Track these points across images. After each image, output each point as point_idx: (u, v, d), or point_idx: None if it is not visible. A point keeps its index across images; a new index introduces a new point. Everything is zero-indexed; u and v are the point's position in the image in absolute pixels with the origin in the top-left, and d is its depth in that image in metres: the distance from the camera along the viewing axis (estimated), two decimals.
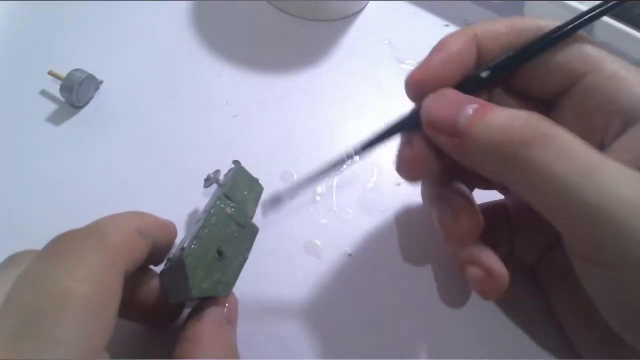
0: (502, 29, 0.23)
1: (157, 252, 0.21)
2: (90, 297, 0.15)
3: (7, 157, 0.29)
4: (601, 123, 0.22)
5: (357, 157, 0.24)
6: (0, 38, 0.34)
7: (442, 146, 0.21)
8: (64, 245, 0.17)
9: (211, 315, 0.20)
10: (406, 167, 0.23)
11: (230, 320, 0.21)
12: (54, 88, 0.31)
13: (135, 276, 0.20)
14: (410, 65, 0.37)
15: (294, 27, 0.38)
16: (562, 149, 0.18)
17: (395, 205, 0.30)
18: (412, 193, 0.31)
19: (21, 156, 0.30)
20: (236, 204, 0.23)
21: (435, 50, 0.23)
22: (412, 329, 0.26)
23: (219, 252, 0.21)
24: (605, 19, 0.36)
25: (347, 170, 0.31)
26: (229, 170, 0.27)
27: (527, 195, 0.19)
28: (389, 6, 0.41)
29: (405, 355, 0.25)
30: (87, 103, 0.32)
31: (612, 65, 0.21)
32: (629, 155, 0.20)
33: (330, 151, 0.32)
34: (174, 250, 0.23)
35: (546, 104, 0.24)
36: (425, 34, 0.39)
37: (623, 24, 0.36)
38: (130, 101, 0.33)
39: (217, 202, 0.23)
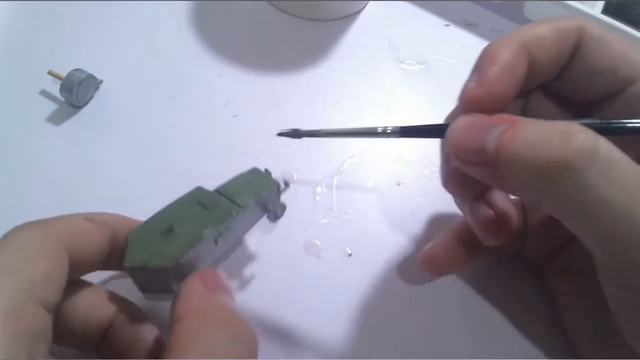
0: (547, 33, 0.21)
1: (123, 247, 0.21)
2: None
3: (7, 157, 0.29)
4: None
5: (388, 136, 0.23)
6: (0, 38, 0.34)
7: (473, 175, 0.20)
8: (10, 233, 0.18)
9: (187, 289, 0.19)
10: (453, 189, 0.23)
11: (213, 289, 0.19)
12: (54, 88, 0.31)
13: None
14: (410, 65, 0.37)
15: (294, 27, 0.38)
16: (607, 168, 0.16)
17: (395, 205, 0.30)
18: (412, 193, 0.31)
19: (21, 156, 0.29)
20: (215, 191, 0.23)
21: (486, 62, 0.21)
22: (413, 328, 0.26)
23: (169, 230, 0.20)
24: (606, 18, 0.36)
25: (347, 170, 0.31)
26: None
27: (568, 220, 0.18)
28: (389, 6, 0.41)
29: (406, 355, 0.25)
30: (87, 103, 0.32)
31: None
32: None
33: (330, 151, 0.32)
34: None
35: (585, 108, 0.23)
36: (425, 34, 0.39)
37: (623, 24, 0.36)
38: (130, 101, 0.33)
39: (191, 191, 0.23)
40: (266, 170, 0.26)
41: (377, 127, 0.23)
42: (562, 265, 0.26)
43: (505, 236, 0.22)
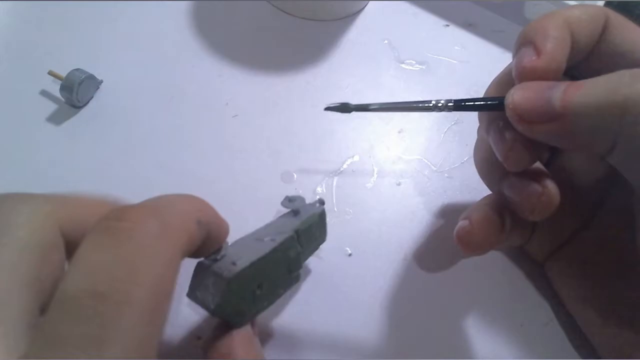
0: (583, 15, 0.22)
1: (203, 247, 0.19)
2: (149, 301, 0.13)
3: (7, 156, 0.29)
4: None
5: (440, 109, 0.23)
6: (0, 38, 0.34)
7: (540, 137, 0.21)
8: (122, 229, 0.14)
9: (242, 330, 0.20)
10: (514, 157, 0.22)
11: (257, 335, 0.21)
12: (54, 88, 0.31)
13: None
14: (410, 65, 0.37)
15: (294, 27, 0.38)
16: None
17: (395, 205, 0.30)
18: (412, 193, 0.31)
19: (21, 156, 0.29)
20: (301, 248, 0.23)
21: (540, 36, 0.21)
22: (413, 328, 0.26)
23: (259, 287, 0.20)
24: None
25: (347, 170, 0.31)
26: (312, 205, 0.25)
27: (633, 163, 0.19)
28: (389, 6, 0.41)
29: (407, 354, 0.25)
30: (87, 103, 0.32)
31: None
32: None
33: (330, 151, 0.32)
34: (223, 252, 0.20)
35: None
36: (425, 34, 0.39)
37: None
38: (130, 101, 0.33)
39: (288, 238, 0.22)
40: (324, 211, 0.25)
41: (430, 101, 0.23)
42: (568, 258, 0.26)
43: (552, 210, 0.23)
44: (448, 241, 0.29)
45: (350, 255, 0.28)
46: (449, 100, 0.23)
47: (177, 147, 0.31)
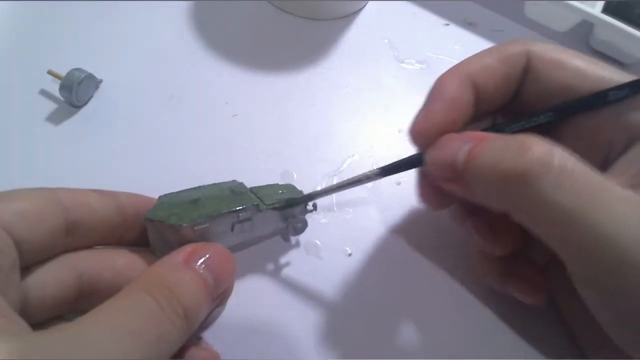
0: (493, 63, 0.22)
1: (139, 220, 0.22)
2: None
3: (6, 156, 0.29)
4: (606, 140, 0.22)
5: (370, 180, 0.24)
6: (0, 38, 0.34)
7: (450, 190, 0.21)
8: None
9: (170, 254, 0.20)
10: (428, 203, 0.24)
11: (188, 262, 0.19)
12: (54, 87, 0.31)
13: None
14: (410, 65, 0.37)
15: (294, 27, 0.38)
16: (561, 174, 0.17)
17: (395, 205, 0.30)
18: (412, 193, 0.31)
19: (20, 155, 0.29)
20: (251, 192, 0.24)
21: (433, 97, 0.22)
22: (413, 328, 0.26)
23: (195, 200, 0.22)
24: (606, 18, 0.36)
25: (347, 169, 0.31)
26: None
27: (531, 226, 0.19)
28: (389, 5, 0.41)
29: (406, 355, 0.25)
30: (86, 102, 0.32)
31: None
32: (635, 170, 0.20)
33: (330, 151, 0.32)
34: None
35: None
36: (425, 33, 0.39)
37: (623, 23, 0.36)
38: (130, 100, 0.33)
39: (227, 182, 0.24)
40: (301, 191, 0.27)
41: (359, 176, 0.24)
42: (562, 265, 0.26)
43: (508, 250, 0.23)
44: (448, 241, 0.29)
45: (350, 255, 0.28)
46: (375, 170, 0.24)
47: (176, 147, 0.31)
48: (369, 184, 0.31)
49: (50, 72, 0.32)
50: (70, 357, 0.14)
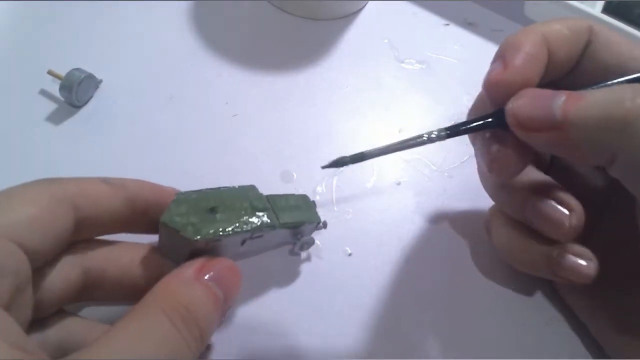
0: (563, 29, 0.22)
1: (147, 210, 0.21)
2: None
3: (6, 156, 0.29)
4: None
5: (433, 141, 0.23)
6: (0, 38, 0.34)
7: (539, 145, 0.21)
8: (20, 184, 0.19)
9: (180, 268, 0.19)
10: (498, 167, 0.23)
11: (199, 278, 0.19)
12: (54, 87, 0.31)
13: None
14: (410, 65, 0.37)
15: (294, 27, 0.38)
16: None
17: (395, 205, 0.30)
18: (412, 193, 0.31)
19: (20, 155, 0.29)
20: (266, 199, 0.23)
21: (510, 50, 0.22)
22: (413, 328, 0.26)
23: (213, 210, 0.21)
24: (605, 18, 0.36)
25: (347, 170, 0.31)
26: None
27: (630, 173, 0.19)
28: (389, 5, 0.41)
29: (406, 354, 0.25)
30: (86, 102, 0.32)
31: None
32: None
33: (330, 151, 0.32)
34: None
35: None
36: (425, 33, 0.39)
37: (623, 23, 0.36)
38: (130, 100, 0.33)
39: (248, 185, 0.23)
40: (314, 202, 0.27)
41: (423, 135, 0.23)
42: None
43: (579, 232, 0.23)
44: (448, 240, 0.29)
45: (350, 255, 0.28)
46: (442, 130, 0.22)
47: (176, 147, 0.31)
48: (369, 184, 0.31)
49: (50, 72, 0.32)
50: None
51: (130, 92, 0.33)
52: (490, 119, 0.22)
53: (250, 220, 0.22)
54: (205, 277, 0.19)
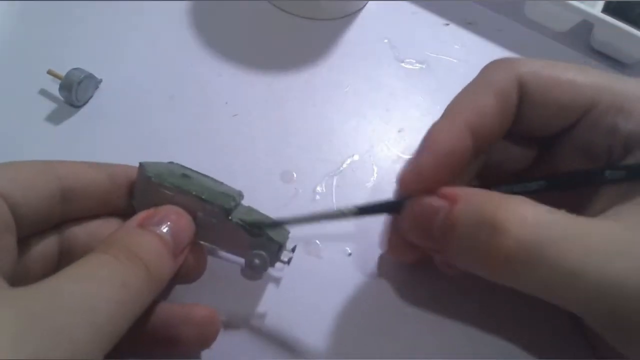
0: (488, 102, 0.22)
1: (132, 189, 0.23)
2: None
3: (6, 156, 0.29)
4: (603, 149, 0.21)
5: (345, 217, 0.23)
6: (0, 38, 0.34)
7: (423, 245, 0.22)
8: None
9: (128, 221, 0.20)
10: (395, 253, 0.25)
11: (143, 224, 0.20)
12: (53, 87, 0.31)
13: None
14: (410, 64, 0.37)
15: (294, 27, 0.38)
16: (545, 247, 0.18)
17: None
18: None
19: (20, 155, 0.29)
20: (244, 207, 0.24)
21: (425, 148, 0.21)
22: (413, 328, 0.26)
23: (185, 175, 0.23)
24: (606, 18, 0.36)
25: (347, 169, 0.31)
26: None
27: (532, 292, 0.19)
28: (389, 5, 0.41)
29: (406, 355, 0.25)
30: (86, 102, 0.32)
31: (610, 96, 0.21)
32: None
33: (330, 151, 0.32)
34: None
35: (547, 141, 0.24)
36: (425, 33, 0.39)
37: (623, 23, 0.36)
38: (130, 100, 0.33)
39: (238, 192, 0.24)
40: (288, 232, 0.25)
41: (334, 211, 0.23)
42: None
43: None
44: None
45: (350, 255, 0.28)
46: (353, 208, 0.22)
47: (176, 147, 0.31)
48: (369, 184, 0.31)
49: (50, 72, 0.32)
50: (52, 308, 0.15)
51: (130, 92, 0.33)
52: (394, 207, 0.23)
53: (210, 194, 0.22)
54: (151, 225, 0.20)
